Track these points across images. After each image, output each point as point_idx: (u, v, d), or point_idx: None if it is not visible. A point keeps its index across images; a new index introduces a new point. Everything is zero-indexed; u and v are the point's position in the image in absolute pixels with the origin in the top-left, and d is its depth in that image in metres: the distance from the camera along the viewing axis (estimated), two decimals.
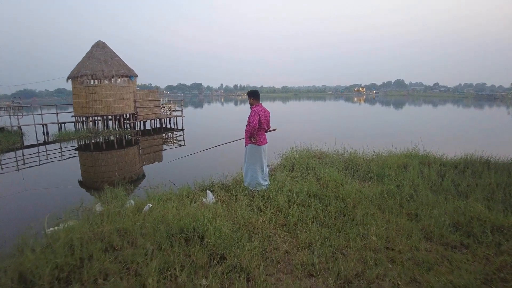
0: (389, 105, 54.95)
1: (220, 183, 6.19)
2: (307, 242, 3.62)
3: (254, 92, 5.53)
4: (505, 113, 35.34)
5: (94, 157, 12.57)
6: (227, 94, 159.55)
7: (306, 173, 6.68)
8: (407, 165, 7.47)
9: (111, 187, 6.03)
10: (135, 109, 18.86)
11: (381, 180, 6.47)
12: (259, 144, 5.42)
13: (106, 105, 17.61)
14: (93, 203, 5.52)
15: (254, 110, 5.32)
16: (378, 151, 9.73)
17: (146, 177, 9.30)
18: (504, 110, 41.83)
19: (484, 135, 17.22)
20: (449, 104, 61.10)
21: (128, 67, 18.89)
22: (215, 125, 23.51)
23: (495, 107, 49.46)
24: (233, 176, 6.74)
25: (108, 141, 15.71)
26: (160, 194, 5.46)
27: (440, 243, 3.81)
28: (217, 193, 5.42)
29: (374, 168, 7.18)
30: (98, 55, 17.95)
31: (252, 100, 5.50)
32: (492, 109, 44.83)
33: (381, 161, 7.78)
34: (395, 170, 7.01)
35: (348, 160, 8.10)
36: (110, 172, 10.14)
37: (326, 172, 6.47)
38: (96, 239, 3.59)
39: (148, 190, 5.89)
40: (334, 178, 5.99)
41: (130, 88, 18.57)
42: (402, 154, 8.64)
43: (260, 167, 5.52)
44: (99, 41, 18.81)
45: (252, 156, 5.45)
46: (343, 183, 5.84)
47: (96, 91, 17.31)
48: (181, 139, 16.77)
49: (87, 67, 17.28)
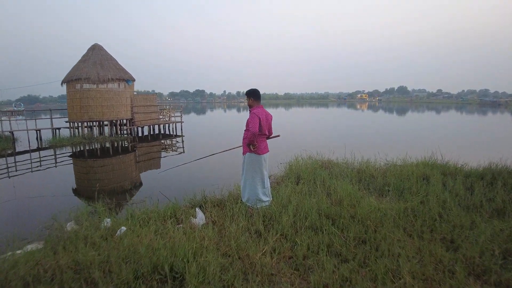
0: (394, 112, 54.10)
1: (214, 198, 5.32)
2: (321, 285, 2.73)
3: (253, 91, 4.70)
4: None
5: (88, 164, 11.84)
6: (229, 101, 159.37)
7: (314, 186, 5.83)
8: (427, 176, 6.62)
9: (89, 202, 5.21)
10: (132, 114, 18.10)
11: (401, 195, 5.63)
12: (260, 153, 4.59)
13: (101, 110, 16.85)
14: (67, 220, 4.68)
15: (253, 112, 4.49)
16: (391, 160, 8.92)
17: (142, 185, 8.56)
18: (510, 116, 40.87)
19: (499, 143, 16.29)
20: (454, 110, 60.12)
21: (125, 70, 18.18)
22: (217, 132, 22.71)
23: (500, 113, 48.56)
24: (229, 189, 5.88)
25: (103, 148, 14.94)
26: (142, 211, 4.60)
27: (493, 284, 2.94)
28: (210, 211, 4.56)
29: (391, 180, 6.33)
30: (94, 58, 17.26)
31: (251, 101, 4.67)
32: (499, 115, 43.85)
33: (397, 172, 6.92)
34: (415, 182, 6.16)
35: (360, 171, 7.25)
36: (105, 180, 9.59)
37: (337, 185, 5.62)
38: (45, 277, 2.74)
39: (130, 206, 5.05)
40: (348, 193, 5.12)
41: (127, 93, 17.83)
42: (419, 163, 7.78)
43: (261, 180, 4.68)
44: (95, 44, 18.12)
45: (251, 167, 4.61)
46: (359, 199, 4.99)
47: (91, 95, 16.57)
48: (180, 146, 15.97)
49: (82, 71, 16.57)
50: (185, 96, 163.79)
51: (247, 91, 4.73)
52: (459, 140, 17.21)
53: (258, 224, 3.93)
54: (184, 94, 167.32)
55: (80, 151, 14.30)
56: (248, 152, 4.60)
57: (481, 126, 27.30)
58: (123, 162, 12.25)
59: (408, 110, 62.79)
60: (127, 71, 18.31)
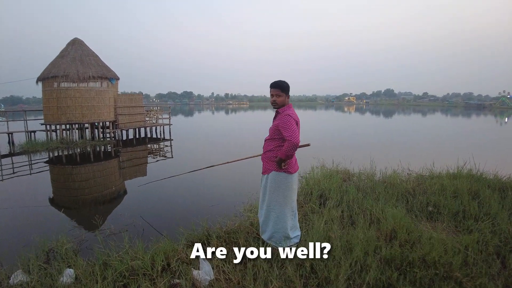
0: (384, 115, 53.61)
1: (220, 229, 3.95)
2: None
3: (284, 83, 3.34)
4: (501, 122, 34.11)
5: (66, 171, 10.35)
6: (218, 103, 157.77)
7: (348, 209, 4.56)
8: (474, 191, 5.45)
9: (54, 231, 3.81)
10: (116, 116, 16.53)
11: (454, 218, 4.44)
12: (291, 172, 3.29)
13: (81, 112, 15.22)
14: (14, 267, 3.29)
15: (289, 115, 3.17)
16: (413, 170, 7.79)
17: (127, 195, 7.22)
18: (493, 118, 40.79)
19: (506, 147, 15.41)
20: (443, 113, 60.20)
21: (108, 68, 16.61)
22: (208, 135, 21.30)
23: (488, 115, 48.71)
24: (235, 212, 4.57)
25: (83, 153, 13.38)
26: (121, 258, 3.22)
27: None
28: (218, 258, 3.17)
29: (435, 198, 5.13)
30: (73, 54, 15.61)
31: (283, 97, 3.31)
32: (487, 117, 43.78)
33: (434, 186, 5.73)
34: (462, 199, 5.00)
35: (389, 184, 6.03)
36: (85, 189, 8.38)
37: (377, 208, 4.38)
38: None
39: (106, 239, 3.66)
40: (397, 220, 3.87)
41: (110, 92, 16.26)
42: (455, 175, 6.62)
43: (291, 208, 3.39)
44: (75, 38, 16.47)
45: (280, 192, 3.29)
46: (413, 230, 3.75)
47: (70, 95, 14.92)
48: (168, 150, 14.53)
49: (60, 68, 14.92)
50: (172, 98, 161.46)
51: (275, 83, 3.34)
52: (470, 145, 16.27)
53: (297, 283, 2.61)
54: (171, 96, 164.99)
55: (58, 156, 12.74)
56: (275, 171, 3.28)
57: (479, 128, 26.66)
58: (105, 169, 10.80)
59: (397, 112, 62.60)
60: (110, 68, 16.74)
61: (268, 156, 3.35)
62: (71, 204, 7.12)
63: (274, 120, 3.37)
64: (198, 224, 4.02)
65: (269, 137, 3.37)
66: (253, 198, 6.03)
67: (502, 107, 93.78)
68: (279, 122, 3.18)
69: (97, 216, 4.98)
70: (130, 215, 5.50)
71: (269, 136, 3.37)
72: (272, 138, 3.32)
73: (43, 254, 3.54)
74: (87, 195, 7.82)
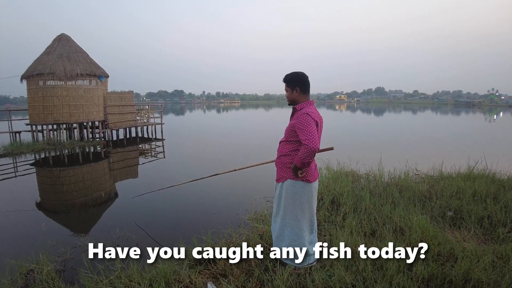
0: (376, 113, 53.55)
1: (227, 245, 3.46)
2: None
3: (298, 76, 2.85)
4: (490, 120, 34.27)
5: (54, 174, 9.76)
6: (209, 101, 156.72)
7: (366, 218, 4.12)
8: (492, 194, 5.08)
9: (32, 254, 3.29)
10: (105, 115, 15.88)
11: (481, 225, 4.05)
12: (311, 180, 2.82)
13: (69, 111, 14.52)
14: None
15: (307, 113, 2.64)
16: (421, 170, 7.45)
17: (118, 201, 6.67)
18: (483, 116, 40.99)
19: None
20: (434, 111, 60.45)
21: (97, 65, 15.92)
22: (201, 134, 20.76)
23: (477, 113, 49.09)
24: (239, 221, 4.09)
25: (72, 154, 12.74)
26: (112, 284, 2.72)
27: None
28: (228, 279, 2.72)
29: (453, 202, 4.74)
30: (59, 50, 14.88)
31: (296, 93, 2.83)
32: (477, 115, 44.03)
33: (450, 188, 5.35)
34: (486, 203, 4.62)
35: (401, 187, 5.62)
36: (74, 192, 7.85)
37: (397, 215, 3.96)
38: None
39: (89, 276, 3.13)
40: (428, 231, 3.45)
41: (99, 91, 15.57)
42: (465, 176, 6.26)
43: (309, 221, 2.93)
44: (62, 34, 15.70)
45: (297, 202, 2.82)
46: (444, 241, 3.33)
47: (56, 93, 14.21)
48: (160, 151, 13.96)
49: (46, 65, 14.19)
50: (163, 97, 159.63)
51: (287, 77, 2.87)
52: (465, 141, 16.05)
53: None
54: (162, 95, 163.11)
55: (44, 158, 12.09)
56: (291, 179, 2.80)
57: (473, 126, 26.60)
58: (94, 171, 10.22)
59: (389, 110, 62.61)
60: (99, 65, 16.05)
61: (283, 161, 2.87)
62: (57, 210, 6.59)
63: (291, 119, 2.90)
64: (201, 240, 3.53)
65: (284, 139, 2.89)
66: (257, 204, 5.58)
67: (491, 104, 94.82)
68: (296, 121, 2.69)
69: (85, 225, 4.47)
70: (122, 224, 4.99)
71: (284, 137, 2.89)
72: (287, 141, 2.84)
73: (21, 277, 3.03)
74: (75, 199, 7.28)
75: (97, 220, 5.57)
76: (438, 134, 20.13)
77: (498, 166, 6.75)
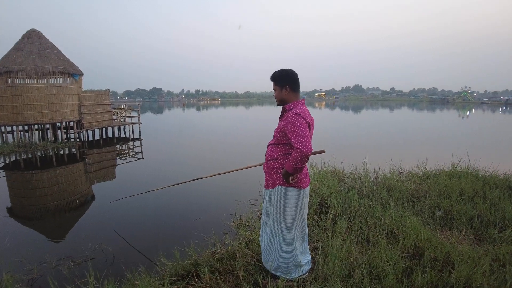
0: (354, 110, 54.30)
1: (211, 256, 3.20)
2: None
3: (287, 74, 2.62)
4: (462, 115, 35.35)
5: (25, 177, 9.17)
6: (188, 99, 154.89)
7: (357, 220, 3.95)
8: (480, 192, 5.05)
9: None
10: (80, 115, 15.21)
11: (471, 225, 3.98)
12: (303, 186, 2.60)
13: (41, 111, 13.78)
14: None
15: (298, 113, 2.41)
16: (405, 168, 7.44)
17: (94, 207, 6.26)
18: (457, 113, 42.32)
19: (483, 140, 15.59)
20: (411, 107, 61.95)
21: (71, 62, 15.20)
22: (180, 134, 20.29)
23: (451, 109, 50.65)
24: (227, 227, 3.85)
25: (45, 157, 12.10)
26: None
27: None
28: None
29: (441, 201, 4.67)
30: (30, 47, 14.09)
31: (285, 91, 2.60)
32: (451, 111, 45.37)
33: (437, 187, 5.30)
34: (474, 202, 4.58)
35: (389, 186, 5.52)
36: (48, 196, 7.39)
37: (388, 217, 3.82)
38: None
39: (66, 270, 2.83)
40: (422, 235, 3.32)
41: (73, 89, 14.87)
42: (449, 174, 6.25)
43: (301, 230, 2.71)
44: (32, 29, 14.87)
45: (287, 212, 2.60)
46: (436, 243, 3.21)
47: (27, 92, 13.45)
48: (138, 151, 13.49)
49: (14, 62, 13.40)
50: (141, 95, 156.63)
51: (275, 74, 2.64)
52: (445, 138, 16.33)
53: None
54: (140, 93, 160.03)
55: (15, 161, 11.41)
56: (281, 185, 2.57)
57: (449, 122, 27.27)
58: (69, 174, 9.71)
59: (369, 107, 63.67)
60: (73, 63, 15.32)
61: (272, 166, 2.63)
62: (28, 216, 6.10)
63: (280, 120, 2.68)
64: (184, 252, 3.26)
65: (274, 141, 2.66)
66: (242, 208, 5.35)
67: (464, 101, 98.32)
68: (286, 123, 2.45)
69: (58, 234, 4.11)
70: (98, 232, 4.67)
71: (274, 140, 2.66)
72: (277, 143, 2.61)
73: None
74: (48, 203, 6.81)
75: (71, 228, 5.18)
76: (417, 131, 20.49)
77: (480, 163, 6.79)
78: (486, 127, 23.70)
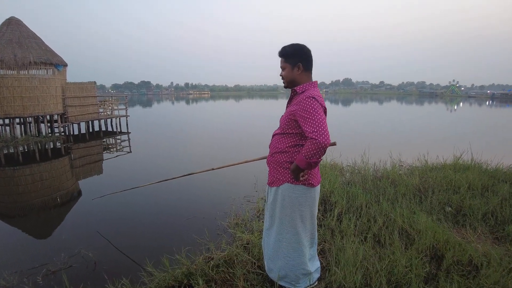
0: (344, 103, 54.28)
1: (206, 264, 2.80)
2: None
3: (300, 49, 2.17)
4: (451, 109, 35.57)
5: (6, 174, 8.63)
6: (178, 93, 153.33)
7: (362, 218, 3.62)
8: (487, 186, 4.79)
9: None
10: (65, 108, 14.57)
11: (485, 222, 3.70)
12: (314, 184, 2.21)
13: (22, 103, 13.07)
14: None
15: (313, 96, 2.00)
16: (405, 161, 7.19)
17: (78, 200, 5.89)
18: (445, 106, 42.60)
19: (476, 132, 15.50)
20: (400, 101, 62.25)
21: (54, 52, 14.50)
22: (170, 127, 19.76)
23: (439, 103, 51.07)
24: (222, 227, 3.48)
25: (28, 152, 11.51)
26: None
27: None
28: None
29: (448, 196, 4.38)
30: (9, 35, 13.32)
31: (298, 71, 2.17)
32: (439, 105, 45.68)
33: (442, 181, 5.01)
34: (481, 196, 4.31)
35: (393, 181, 5.22)
36: (32, 193, 6.94)
37: (396, 214, 3.50)
38: None
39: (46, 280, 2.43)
40: (439, 235, 3.01)
41: (56, 81, 14.19)
42: (453, 167, 6.00)
43: (310, 234, 2.34)
44: (12, 17, 14.07)
45: (295, 213, 2.21)
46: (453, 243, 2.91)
47: (6, 84, 12.70)
48: (126, 145, 12.98)
49: None
50: (129, 88, 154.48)
51: (286, 50, 2.19)
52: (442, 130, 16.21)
53: None
54: (128, 86, 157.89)
55: None
56: (289, 183, 2.19)
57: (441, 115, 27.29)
58: (54, 170, 9.19)
59: (359, 101, 63.76)
60: (56, 53, 14.62)
61: (278, 160, 2.23)
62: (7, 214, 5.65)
63: (288, 106, 2.28)
64: (174, 260, 2.87)
65: (280, 130, 2.24)
66: (237, 206, 4.98)
67: (452, 95, 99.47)
68: (297, 107, 2.03)
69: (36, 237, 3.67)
70: (81, 233, 4.25)
71: (280, 129, 2.24)
72: (284, 133, 2.20)
73: None
74: (28, 201, 6.34)
75: (50, 229, 4.73)
76: (409, 124, 20.38)
77: (482, 156, 6.56)
78: (476, 120, 23.77)
